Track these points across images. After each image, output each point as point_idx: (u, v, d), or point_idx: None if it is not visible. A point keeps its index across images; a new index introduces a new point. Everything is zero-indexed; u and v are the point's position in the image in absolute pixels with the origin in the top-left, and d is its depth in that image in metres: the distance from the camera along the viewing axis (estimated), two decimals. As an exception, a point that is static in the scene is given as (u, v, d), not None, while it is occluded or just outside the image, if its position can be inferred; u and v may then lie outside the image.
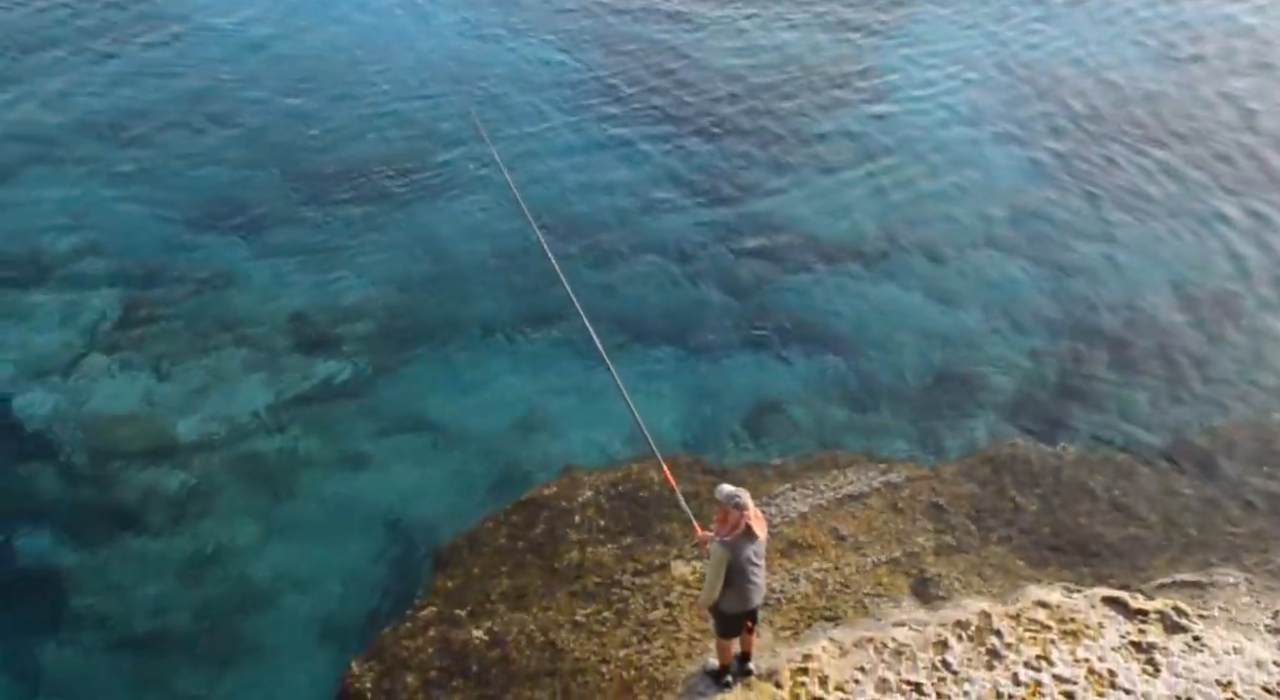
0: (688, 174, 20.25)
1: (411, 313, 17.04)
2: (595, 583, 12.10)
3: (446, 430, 14.99)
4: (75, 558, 13.29)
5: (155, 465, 14.36)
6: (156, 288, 17.33)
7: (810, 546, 12.51)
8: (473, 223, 18.96)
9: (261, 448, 14.69)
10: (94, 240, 18.29)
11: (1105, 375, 15.86)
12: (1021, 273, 17.94)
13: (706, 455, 14.40)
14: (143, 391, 15.48)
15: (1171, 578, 12.27)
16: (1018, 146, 21.18)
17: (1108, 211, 19.30)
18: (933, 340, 16.56)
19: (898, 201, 19.59)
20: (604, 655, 11.12)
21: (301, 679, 11.98)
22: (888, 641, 10.88)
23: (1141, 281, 17.65)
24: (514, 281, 17.55)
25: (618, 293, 17.31)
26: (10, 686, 12.09)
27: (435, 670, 11.26)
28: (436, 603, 12.16)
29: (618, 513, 13.13)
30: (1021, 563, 12.55)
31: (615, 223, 18.98)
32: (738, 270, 17.98)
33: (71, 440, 14.69)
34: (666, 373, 15.92)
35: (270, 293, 17.30)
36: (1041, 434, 14.85)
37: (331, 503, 13.99)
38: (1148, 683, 10.34)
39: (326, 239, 18.54)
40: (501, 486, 14.04)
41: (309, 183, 19.85)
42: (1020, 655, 10.64)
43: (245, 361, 16.00)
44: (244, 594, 12.89)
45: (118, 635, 12.50)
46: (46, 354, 16.01)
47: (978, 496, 13.55)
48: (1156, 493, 13.76)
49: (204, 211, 19.08)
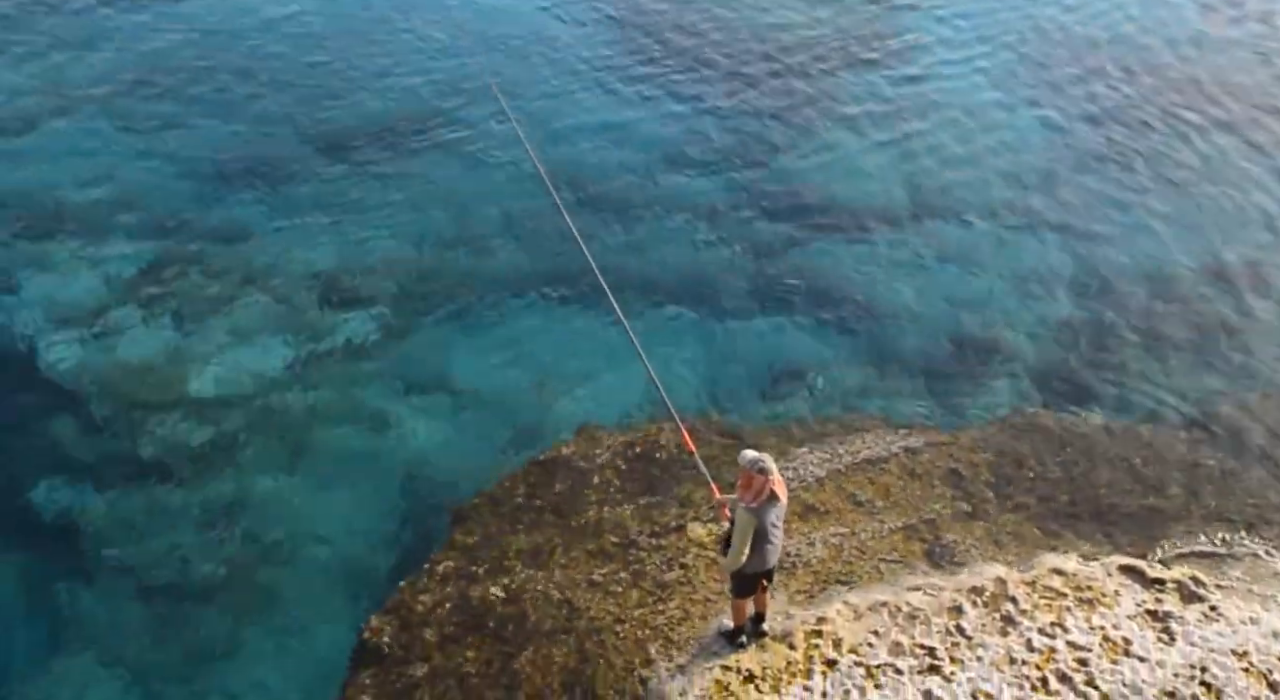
0: (711, 135, 20.11)
1: (431, 271, 17.06)
2: (612, 543, 12.16)
3: (465, 388, 15.04)
4: (100, 507, 13.46)
5: (178, 417, 14.49)
6: (179, 241, 17.41)
7: (827, 511, 12.52)
8: (494, 183, 18.92)
9: (282, 402, 14.79)
10: (117, 193, 18.37)
11: (1130, 344, 15.73)
12: (1048, 239, 17.76)
13: (724, 418, 14.39)
14: (166, 344, 15.59)
15: (1190, 548, 12.23)
16: (1049, 111, 20.91)
17: (1139, 178, 19.06)
18: (955, 306, 16.45)
19: (925, 166, 19.41)
20: (620, 614, 11.20)
21: (321, 631, 12.13)
22: (902, 606, 10.90)
23: (1171, 250, 17.45)
24: (535, 242, 17.52)
25: (637, 254, 17.25)
26: (37, 632, 12.29)
27: (453, 626, 11.38)
28: (454, 559, 12.26)
29: (635, 474, 13.17)
30: (1038, 530, 12.52)
31: (636, 184, 18.89)
32: (759, 232, 17.88)
33: (96, 391, 14.83)
34: (685, 335, 15.89)
35: (291, 249, 17.35)
36: (1063, 402, 14.77)
37: (351, 458, 14.09)
38: (1162, 651, 10.33)
39: (347, 196, 18.55)
40: (520, 445, 14.09)
41: (332, 140, 19.84)
42: (1035, 622, 10.64)
43: (267, 316, 16.07)
44: (265, 546, 13.04)
45: (141, 584, 12.67)
46: (71, 305, 16.14)
47: (996, 464, 13.51)
48: (1178, 462, 13.67)
49: (227, 166, 19.12)
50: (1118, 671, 10.09)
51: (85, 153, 19.37)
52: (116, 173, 18.89)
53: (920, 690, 9.97)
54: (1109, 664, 10.17)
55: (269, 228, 17.80)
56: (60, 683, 11.77)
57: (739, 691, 10.07)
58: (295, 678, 11.75)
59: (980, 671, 10.13)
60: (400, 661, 11.10)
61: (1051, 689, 9.96)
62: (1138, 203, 18.47)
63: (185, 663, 11.95)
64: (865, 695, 9.94)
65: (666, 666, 10.51)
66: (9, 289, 16.46)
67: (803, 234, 17.88)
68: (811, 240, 17.78)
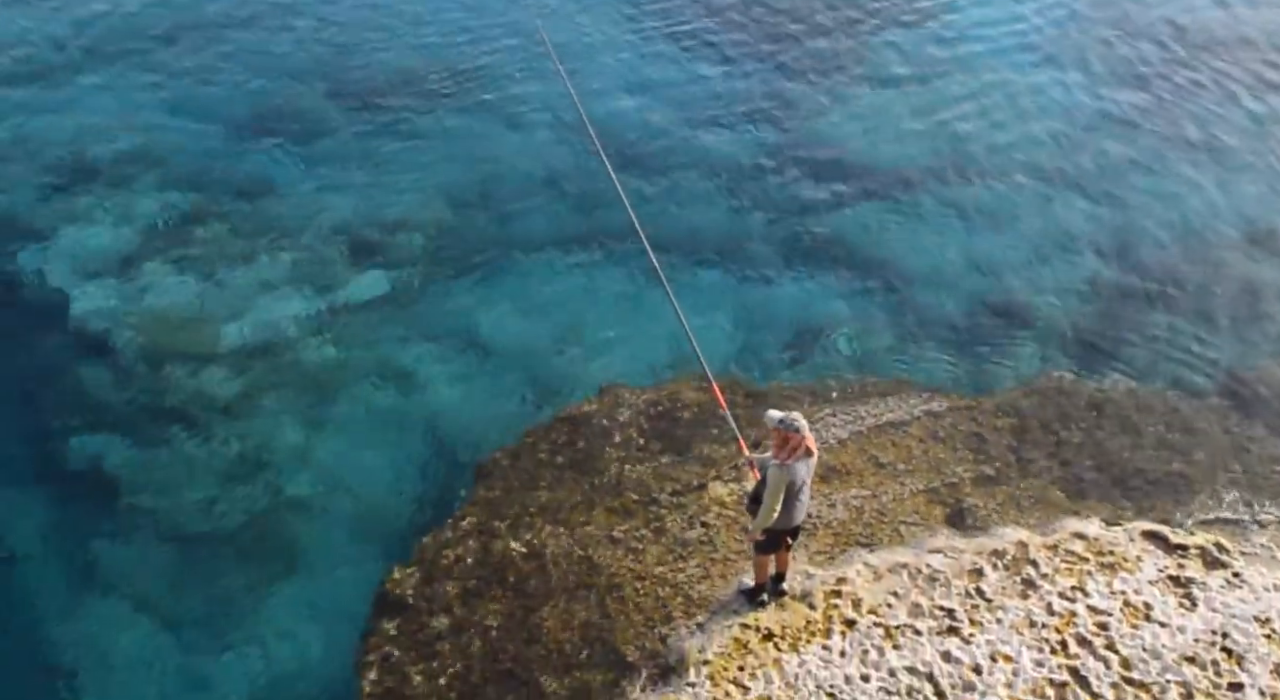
0: (748, 94, 19.99)
1: (461, 225, 17.06)
2: (633, 500, 12.22)
3: (490, 344, 15.08)
4: (128, 456, 13.62)
5: (204, 368, 14.61)
6: (207, 194, 17.46)
7: (849, 473, 12.52)
8: (528, 137, 18.86)
9: (308, 355, 14.88)
10: (146, 145, 18.42)
11: (1160, 309, 15.58)
12: (1076, 204, 17.57)
13: (748, 378, 14.38)
14: (194, 296, 15.69)
15: (1214, 514, 12.17)
16: (1080, 74, 20.61)
17: (1168, 144, 18.79)
18: (982, 269, 16.33)
19: (960, 127, 19.22)
20: (640, 571, 11.27)
21: (344, 582, 12.27)
22: (922, 568, 10.92)
23: (1199, 217, 17.23)
24: (565, 198, 17.48)
25: (667, 212, 17.18)
26: (66, 578, 12.50)
27: (474, 579, 11.49)
28: (477, 514, 12.35)
29: (658, 432, 13.20)
30: (1061, 495, 12.48)
31: (671, 140, 18.81)
32: (789, 193, 17.77)
33: (125, 341, 14.96)
34: (711, 294, 15.85)
35: (321, 202, 17.37)
36: (1088, 368, 14.67)
37: (376, 412, 14.19)
38: (1184, 617, 10.32)
39: (380, 148, 18.54)
40: (543, 402, 14.14)
41: (366, 91, 19.80)
42: (1055, 586, 10.64)
43: (293, 269, 16.13)
44: (289, 497, 13.17)
45: (167, 532, 12.84)
46: (100, 257, 16.25)
47: (1020, 428, 13.45)
48: (1203, 429, 13.57)
49: (257, 118, 19.12)
50: (1138, 636, 10.09)
51: (115, 105, 19.41)
52: (146, 125, 18.93)
53: (939, 651, 10.00)
54: (1129, 628, 10.18)
55: (298, 180, 17.83)
56: (90, 627, 11.98)
57: (758, 649, 10.14)
58: (319, 627, 11.91)
59: (1000, 634, 10.16)
60: (422, 613, 11.23)
61: (1071, 652, 9.97)
62: (1177, 166, 18.22)
63: (211, 609, 12.13)
64: (884, 655, 9.99)
65: (686, 624, 10.58)
66: (40, 239, 16.58)
67: (834, 195, 17.75)
68: (843, 201, 17.66)
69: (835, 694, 9.69)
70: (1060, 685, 9.70)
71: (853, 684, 9.78)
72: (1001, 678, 9.76)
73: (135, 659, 11.68)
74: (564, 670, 10.47)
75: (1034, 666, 9.86)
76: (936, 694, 9.67)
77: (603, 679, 10.32)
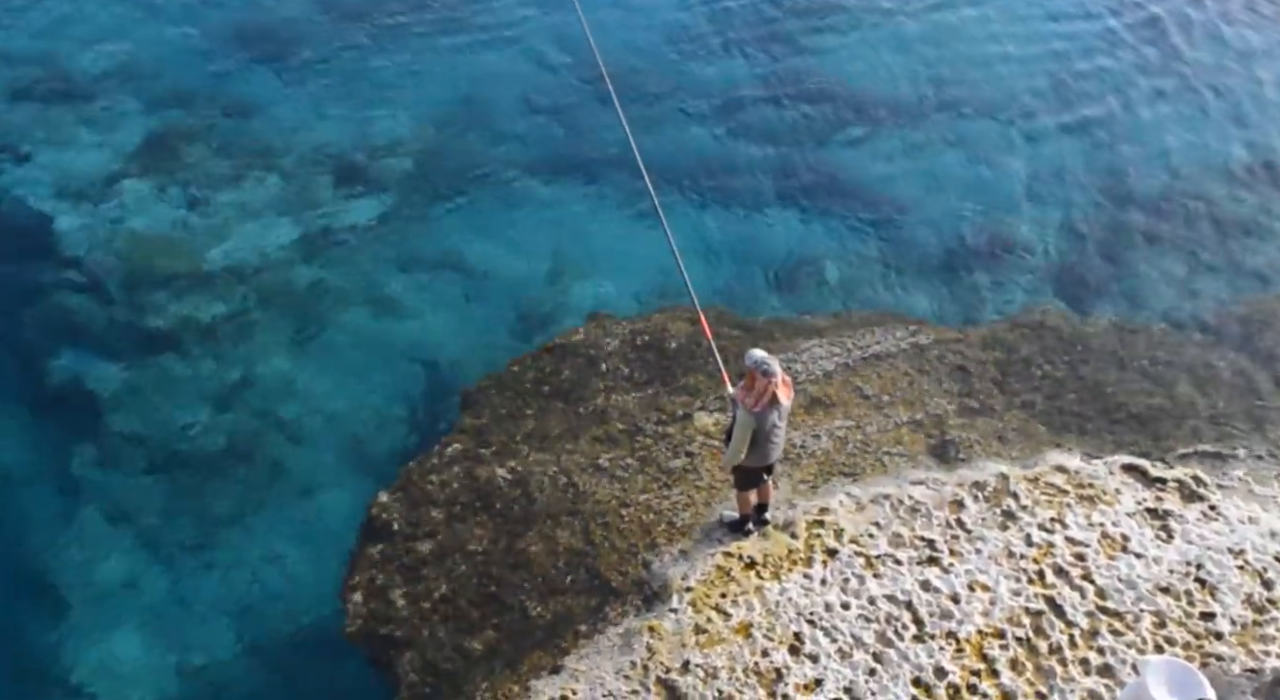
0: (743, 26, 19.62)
1: (451, 149, 16.84)
2: (618, 429, 12.26)
3: (478, 271, 15.00)
4: (113, 380, 13.58)
5: (189, 292, 14.52)
6: (189, 113, 17.18)
7: (833, 404, 12.57)
8: (523, 61, 18.54)
9: (294, 280, 14.78)
10: (127, 62, 18.06)
11: (1144, 244, 15.56)
12: (1065, 137, 17.43)
13: (736, 309, 14.35)
14: (176, 218, 15.52)
15: (1194, 448, 12.28)
16: (1078, 8, 20.30)
17: (1160, 77, 18.60)
18: (970, 202, 16.24)
19: (949, 63, 18.95)
20: (625, 499, 11.35)
21: (331, 507, 12.36)
22: (904, 499, 11.02)
23: (1189, 150, 17.13)
24: (559, 124, 17.27)
25: (654, 140, 16.94)
26: (52, 501, 12.56)
27: (460, 505, 11.56)
28: (462, 441, 12.38)
29: (643, 362, 13.20)
30: (1044, 428, 12.58)
31: (660, 70, 18.52)
32: (780, 125, 17.56)
33: (107, 264, 14.83)
34: (700, 224, 15.75)
35: (305, 124, 17.11)
36: (1074, 301, 14.69)
37: (362, 338, 14.15)
38: (1159, 548, 10.47)
39: (370, 68, 18.19)
40: (530, 330, 14.12)
41: (353, 10, 19.36)
42: (1035, 517, 10.77)
43: (279, 192, 15.95)
44: (275, 423, 13.19)
45: (154, 457, 12.88)
46: (81, 177, 16.03)
47: (1004, 361, 13.49)
48: (1188, 363, 13.64)
49: (241, 34, 18.72)
50: (1114, 567, 10.24)
51: (94, 19, 18.99)
52: (127, 40, 18.53)
53: (918, 580, 10.14)
54: (1106, 559, 10.33)
55: (285, 100, 17.52)
56: (74, 548, 12.08)
57: (740, 577, 10.26)
58: (304, 550, 12.03)
59: (978, 564, 10.30)
60: (408, 538, 11.31)
61: (1048, 582, 10.13)
62: (1156, 100, 18.05)
63: (196, 531, 12.24)
64: (864, 583, 10.13)
65: (669, 551, 10.69)
66: (19, 158, 16.34)
67: (827, 127, 17.56)
68: (830, 132, 17.47)
69: (815, 621, 9.84)
70: (1036, 614, 9.86)
71: (833, 611, 9.93)
72: (979, 607, 9.92)
73: (121, 582, 11.80)
74: (548, 595, 10.60)
75: (1011, 596, 10.01)
76: (915, 621, 9.83)
77: (587, 604, 10.45)
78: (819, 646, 9.67)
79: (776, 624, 9.84)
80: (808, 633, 9.77)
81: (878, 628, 9.80)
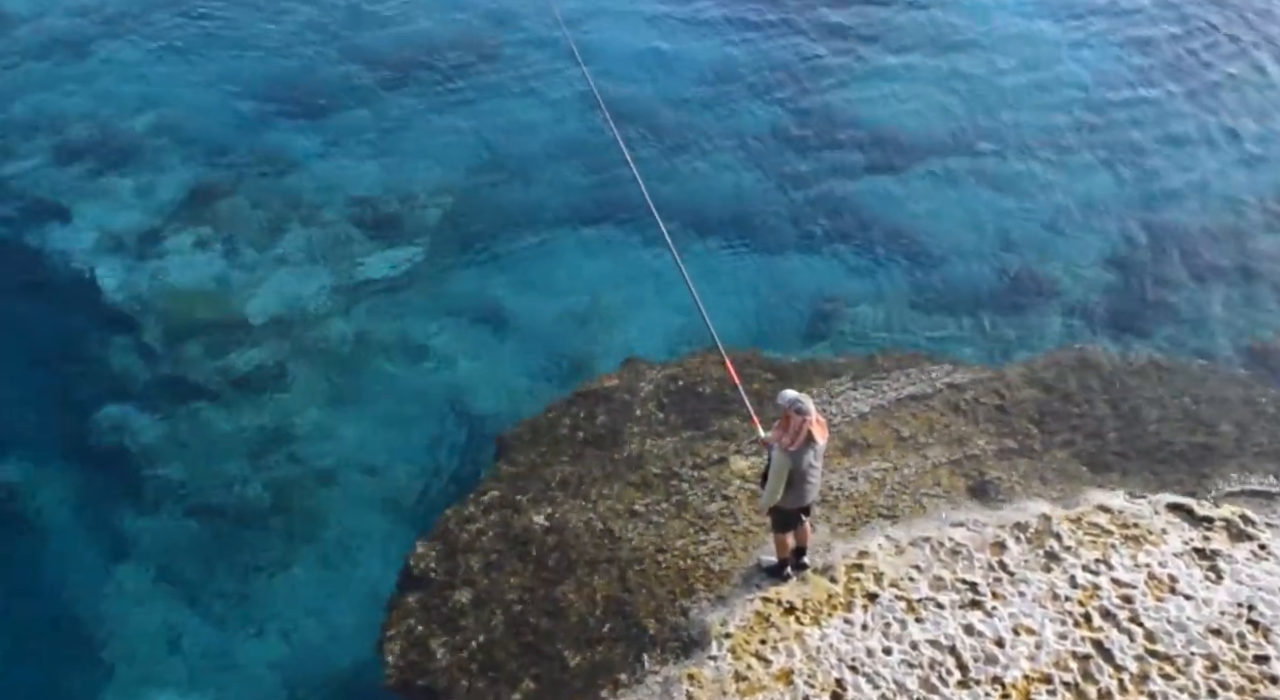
0: (763, 66, 19.80)
1: (479, 200, 17.02)
2: (654, 474, 12.22)
3: (511, 319, 15.08)
4: (153, 430, 13.73)
5: (227, 343, 14.69)
6: (227, 169, 17.48)
7: (870, 446, 12.47)
8: (543, 112, 18.76)
9: (329, 330, 14.92)
10: (165, 120, 18.43)
11: (1181, 279, 15.41)
12: (1098, 174, 17.37)
13: (768, 351, 14.31)
14: (215, 270, 15.75)
15: (1240, 486, 12.07)
16: (1105, 42, 20.31)
17: (1194, 115, 18.52)
18: (1003, 240, 16.18)
19: (976, 96, 18.97)
20: (661, 545, 11.28)
21: (368, 556, 12.37)
22: (945, 541, 10.88)
23: (1224, 186, 17.01)
24: (581, 172, 17.41)
25: (683, 185, 17.07)
26: (94, 550, 12.67)
27: (496, 553, 11.53)
28: (498, 488, 12.38)
29: (678, 406, 13.17)
30: (1085, 467, 12.41)
31: (685, 115, 18.66)
32: (806, 165, 17.62)
33: (147, 316, 15.05)
34: (729, 267, 15.78)
35: (339, 176, 17.37)
36: (1112, 338, 14.54)
37: (397, 387, 14.23)
38: (1209, 589, 10.25)
39: (396, 123, 18.49)
40: (564, 377, 14.15)
41: (380, 65, 19.73)
42: (1079, 558, 10.59)
43: (314, 244, 16.16)
44: (313, 472, 13.26)
45: (193, 506, 12.98)
46: (122, 232, 16.32)
47: (1043, 400, 13.35)
48: (1229, 401, 13.44)
49: (275, 92, 19.10)
50: (1163, 609, 10.04)
51: (134, 78, 19.43)
52: (165, 98, 18.94)
53: (961, 624, 9.98)
54: (1154, 601, 10.12)
55: (316, 154, 17.82)
56: (116, 598, 12.15)
57: (780, 623, 10.15)
58: (343, 600, 12.02)
59: (1022, 607, 10.13)
60: (445, 587, 11.28)
61: (1094, 625, 9.94)
62: (1189, 139, 17.96)
63: (236, 582, 12.27)
64: (906, 628, 9.98)
65: (708, 597, 10.59)
66: (61, 215, 16.67)
67: (848, 165, 17.60)
68: (856, 172, 17.50)
69: (857, 667, 9.70)
70: (1084, 658, 9.67)
71: (875, 657, 9.78)
72: (1024, 650, 9.74)
73: (161, 633, 11.84)
74: (586, 643, 10.52)
75: (1057, 639, 9.83)
76: (959, 666, 9.66)
77: (625, 652, 10.36)
78: (862, 693, 9.51)
79: (818, 670, 9.70)
80: (850, 679, 9.62)
81: (921, 674, 9.63)
